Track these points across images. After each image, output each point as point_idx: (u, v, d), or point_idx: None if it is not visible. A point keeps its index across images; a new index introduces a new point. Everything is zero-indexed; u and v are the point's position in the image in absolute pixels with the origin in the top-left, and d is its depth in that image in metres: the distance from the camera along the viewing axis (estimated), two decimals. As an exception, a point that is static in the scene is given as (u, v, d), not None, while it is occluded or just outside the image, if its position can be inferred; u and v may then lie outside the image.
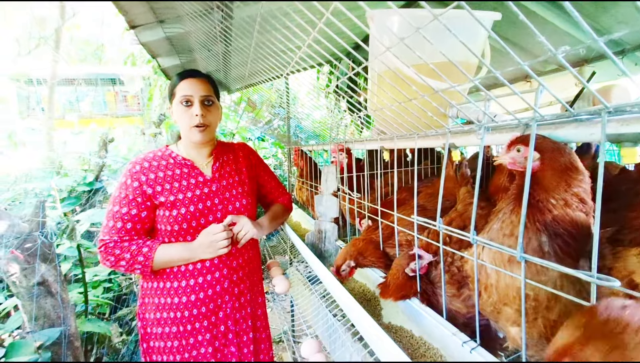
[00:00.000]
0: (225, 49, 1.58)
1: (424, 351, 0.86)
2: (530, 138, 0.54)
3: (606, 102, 0.48)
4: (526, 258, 0.55)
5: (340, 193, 1.63)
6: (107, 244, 1.16)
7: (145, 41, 1.49)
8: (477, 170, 0.64)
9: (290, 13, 0.75)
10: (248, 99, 3.77)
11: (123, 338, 2.53)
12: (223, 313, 1.27)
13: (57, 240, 2.06)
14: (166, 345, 1.22)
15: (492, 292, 0.66)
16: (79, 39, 11.39)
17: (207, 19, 1.21)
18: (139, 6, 1.12)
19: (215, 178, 1.30)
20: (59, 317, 1.76)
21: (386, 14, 1.01)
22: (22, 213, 1.78)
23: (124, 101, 12.18)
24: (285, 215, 1.58)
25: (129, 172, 1.22)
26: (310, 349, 1.30)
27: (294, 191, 2.69)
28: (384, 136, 1.15)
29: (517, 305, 0.61)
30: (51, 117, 5.96)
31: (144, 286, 1.28)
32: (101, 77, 11.89)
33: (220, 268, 1.25)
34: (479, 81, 0.58)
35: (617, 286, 0.42)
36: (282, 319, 2.56)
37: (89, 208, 2.76)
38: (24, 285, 1.69)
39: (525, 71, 0.48)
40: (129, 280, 3.02)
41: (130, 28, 1.26)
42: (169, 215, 1.20)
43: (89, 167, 3.66)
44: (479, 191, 0.68)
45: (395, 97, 0.83)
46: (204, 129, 1.24)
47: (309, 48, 0.87)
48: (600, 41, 0.33)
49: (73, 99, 11.92)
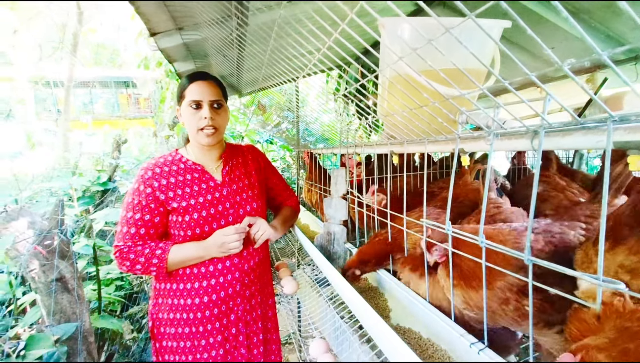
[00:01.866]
0: (240, 54, 1.62)
1: (432, 352, 0.87)
2: (539, 145, 0.56)
3: (619, 108, 0.49)
4: (533, 261, 0.57)
5: (349, 196, 1.65)
6: (121, 249, 1.19)
7: (164, 47, 1.55)
8: (487, 173, 0.66)
9: (303, 20, 0.79)
10: (258, 102, 3.83)
11: (134, 335, 2.58)
12: (235, 315, 1.29)
13: (75, 237, 2.13)
14: (178, 345, 1.25)
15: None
16: (94, 42, 11.71)
17: (223, 26, 1.26)
18: (161, 14, 1.17)
19: (225, 182, 1.32)
20: (74, 313, 1.81)
21: (397, 22, 1.03)
22: (42, 211, 1.85)
23: (136, 103, 12.45)
24: (294, 218, 1.60)
25: (141, 178, 1.23)
26: (319, 349, 1.32)
27: (302, 194, 2.72)
28: (393, 140, 1.17)
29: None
30: (67, 118, 6.14)
31: (157, 287, 1.30)
32: (115, 80, 12.19)
33: (233, 271, 1.28)
34: (487, 88, 0.60)
35: (622, 289, 0.44)
36: (289, 321, 2.58)
37: (103, 208, 2.83)
38: (43, 280, 1.75)
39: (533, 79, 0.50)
40: (140, 279, 3.08)
41: (151, 35, 1.31)
42: (182, 221, 1.23)
43: (102, 167, 3.76)
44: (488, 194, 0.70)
45: (406, 103, 0.86)
46: (213, 132, 1.25)
47: (326, 52, 0.90)
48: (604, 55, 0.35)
49: (87, 101, 12.23)
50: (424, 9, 0.55)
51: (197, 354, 1.24)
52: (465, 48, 0.57)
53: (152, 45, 1.55)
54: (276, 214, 1.56)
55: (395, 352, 0.80)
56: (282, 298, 3.46)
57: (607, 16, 1.53)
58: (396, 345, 0.79)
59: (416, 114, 0.87)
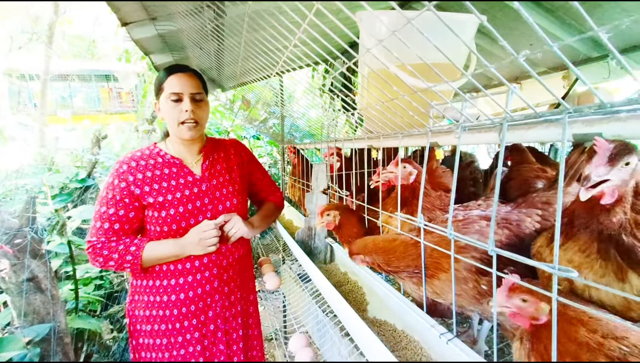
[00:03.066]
0: (218, 47, 1.59)
1: (406, 344, 0.88)
2: (502, 138, 0.57)
3: (590, 103, 0.50)
4: (497, 251, 0.58)
5: (330, 191, 1.65)
6: (94, 245, 1.16)
7: (138, 38, 1.49)
8: (455, 167, 0.67)
9: (276, 14, 0.77)
10: (242, 98, 3.77)
11: (114, 335, 2.53)
12: (212, 312, 1.27)
13: (48, 236, 2.05)
14: (155, 342, 1.23)
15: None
16: (72, 34, 11.27)
17: (198, 17, 1.22)
18: (131, 4, 1.13)
19: (205, 177, 1.29)
20: (48, 313, 1.75)
21: (374, 16, 1.03)
22: (12, 209, 1.78)
23: (118, 97, 12.09)
24: (276, 213, 1.58)
25: (115, 172, 1.20)
26: (298, 343, 1.32)
27: (287, 190, 2.71)
28: (370, 134, 1.17)
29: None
30: (43, 113, 5.91)
31: (133, 283, 1.28)
32: (95, 73, 11.78)
33: (210, 267, 1.26)
34: (466, 81, 0.60)
35: (576, 277, 0.45)
36: (274, 317, 2.58)
37: (81, 205, 2.75)
38: (13, 280, 1.68)
39: (511, 71, 0.50)
40: (120, 278, 3.01)
41: (122, 25, 1.26)
42: (158, 216, 1.20)
43: (82, 164, 3.64)
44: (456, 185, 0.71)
45: (380, 97, 0.86)
46: (194, 125, 1.22)
47: (299, 48, 0.89)
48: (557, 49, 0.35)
49: (66, 95, 11.79)
50: (407, 2, 0.54)
51: (174, 351, 1.23)
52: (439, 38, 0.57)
53: (127, 36, 1.49)
54: (258, 209, 1.54)
55: (369, 346, 0.81)
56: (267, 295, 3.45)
57: (580, 14, 1.58)
58: (370, 339, 0.80)
59: (391, 109, 0.87)
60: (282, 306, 2.49)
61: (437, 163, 1.51)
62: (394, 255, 0.87)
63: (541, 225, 0.81)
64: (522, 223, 0.81)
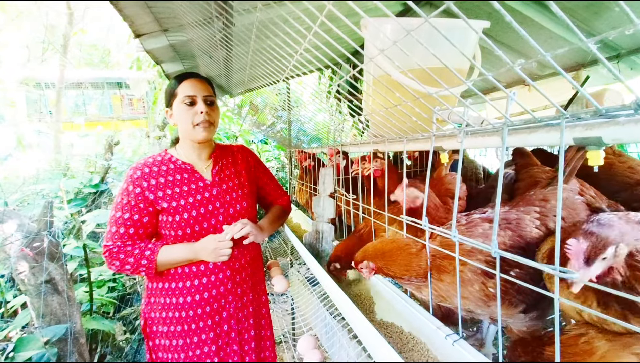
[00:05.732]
0: (227, 55, 1.63)
1: (412, 346, 0.89)
2: (502, 142, 0.58)
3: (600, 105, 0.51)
4: (500, 253, 0.59)
5: (337, 195, 1.67)
6: (111, 249, 1.20)
7: (150, 48, 1.55)
8: (458, 171, 0.68)
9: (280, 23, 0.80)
10: (250, 103, 3.83)
11: (127, 336, 2.58)
12: (226, 313, 1.30)
13: (64, 239, 2.12)
14: (171, 343, 1.26)
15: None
16: (86, 43, 11.60)
17: (208, 27, 1.26)
18: (144, 16, 1.17)
19: (215, 182, 1.33)
20: (65, 314, 1.81)
21: (379, 22, 1.05)
22: (31, 213, 1.85)
23: (129, 104, 12.36)
24: (284, 217, 1.61)
25: (130, 178, 1.24)
26: (306, 345, 1.34)
27: (295, 194, 2.74)
28: (376, 139, 1.19)
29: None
30: (59, 120, 6.09)
31: (149, 286, 1.31)
32: (107, 80, 12.08)
33: (224, 269, 1.29)
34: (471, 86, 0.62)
35: (577, 278, 0.46)
36: (283, 320, 2.60)
37: (95, 209, 2.83)
38: (32, 282, 1.75)
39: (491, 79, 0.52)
40: (132, 280, 3.08)
41: (136, 37, 1.32)
42: (172, 221, 1.24)
43: (95, 169, 3.74)
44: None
45: (383, 103, 0.88)
46: (208, 126, 1.27)
47: (305, 54, 0.92)
48: (548, 56, 0.37)
49: (80, 103, 12.12)
50: (412, 8, 0.56)
51: (190, 351, 1.26)
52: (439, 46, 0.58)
53: (139, 46, 1.55)
54: (266, 213, 1.57)
55: (377, 349, 0.83)
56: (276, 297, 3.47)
57: (588, 16, 1.57)
58: (378, 342, 0.81)
59: (394, 114, 0.88)
60: (291, 309, 2.50)
61: (446, 169, 1.51)
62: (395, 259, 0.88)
63: (541, 222, 0.82)
64: (521, 221, 0.81)
